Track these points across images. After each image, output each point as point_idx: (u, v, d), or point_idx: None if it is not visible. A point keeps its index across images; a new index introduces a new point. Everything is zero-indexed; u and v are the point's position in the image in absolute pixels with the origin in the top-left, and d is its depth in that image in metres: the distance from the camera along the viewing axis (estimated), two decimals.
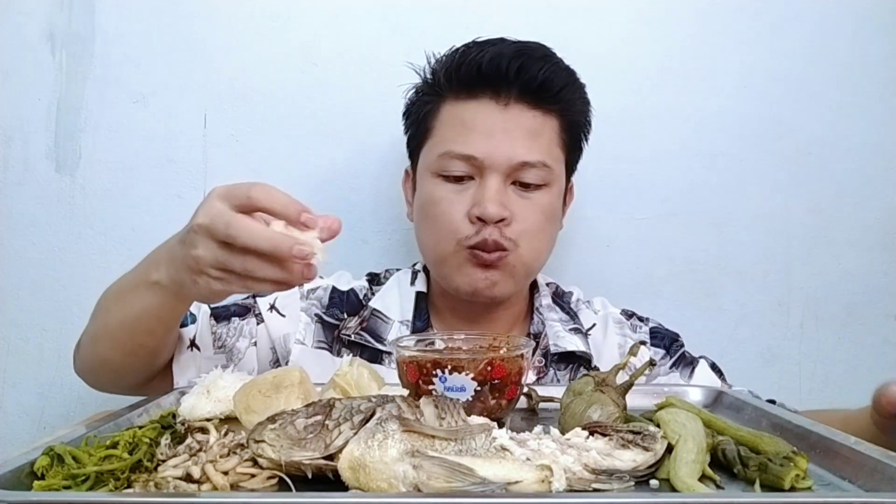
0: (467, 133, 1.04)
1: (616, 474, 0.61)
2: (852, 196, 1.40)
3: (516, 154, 1.03)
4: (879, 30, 1.39)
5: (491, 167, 1.03)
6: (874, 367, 1.40)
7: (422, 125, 1.10)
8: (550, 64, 1.06)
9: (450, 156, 1.04)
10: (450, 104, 1.07)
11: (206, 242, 0.73)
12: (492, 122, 1.04)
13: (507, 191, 1.04)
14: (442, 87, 1.08)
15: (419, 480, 0.56)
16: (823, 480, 0.64)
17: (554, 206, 1.09)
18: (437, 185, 1.06)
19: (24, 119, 1.33)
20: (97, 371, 1.00)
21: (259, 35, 1.35)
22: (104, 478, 0.61)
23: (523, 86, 1.04)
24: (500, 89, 1.04)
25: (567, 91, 1.07)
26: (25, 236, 1.33)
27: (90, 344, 0.97)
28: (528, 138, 1.04)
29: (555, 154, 1.07)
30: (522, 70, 1.03)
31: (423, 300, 1.14)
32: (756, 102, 1.39)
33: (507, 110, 1.04)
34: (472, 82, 1.05)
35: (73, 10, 1.33)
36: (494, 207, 1.01)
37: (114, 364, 0.96)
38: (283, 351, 1.09)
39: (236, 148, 1.35)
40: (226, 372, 0.84)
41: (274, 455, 0.61)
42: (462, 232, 1.04)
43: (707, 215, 1.39)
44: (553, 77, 1.05)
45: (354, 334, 1.09)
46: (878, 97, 1.39)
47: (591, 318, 1.17)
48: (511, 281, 1.07)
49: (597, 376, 0.78)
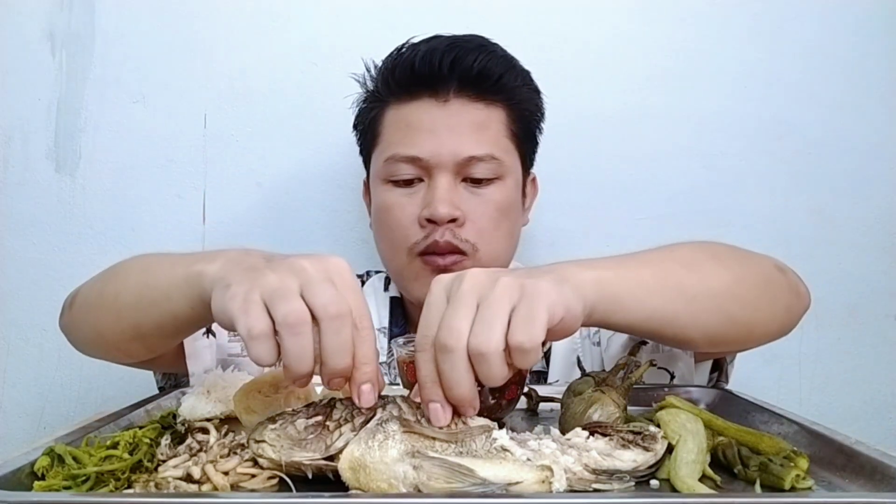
0: (411, 134, 1.02)
1: (616, 474, 0.61)
2: (852, 196, 1.40)
3: (462, 149, 1.00)
4: (879, 30, 1.39)
5: (438, 166, 1.00)
6: (874, 367, 1.40)
7: (369, 133, 1.09)
8: (485, 53, 1.03)
9: (395, 159, 1.02)
10: (393, 108, 1.05)
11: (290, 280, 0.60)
12: (434, 120, 1.01)
13: (457, 189, 1.01)
14: (382, 93, 1.07)
15: (419, 481, 0.56)
16: (823, 480, 0.64)
17: (509, 200, 1.05)
18: (387, 191, 1.04)
19: (24, 119, 1.33)
20: (89, 342, 0.90)
21: (259, 35, 1.35)
22: (104, 478, 0.60)
23: (460, 79, 1.01)
24: (438, 86, 1.02)
25: (508, 79, 1.04)
26: (25, 236, 1.33)
27: (88, 311, 0.86)
28: (473, 132, 1.01)
29: (503, 146, 1.04)
30: (456, 62, 1.01)
31: (399, 305, 1.13)
32: (756, 102, 1.39)
33: (448, 106, 1.02)
34: (409, 83, 1.03)
35: (73, 10, 1.33)
36: (444, 207, 0.98)
37: (109, 340, 0.85)
38: None
39: (236, 148, 1.35)
40: (226, 372, 0.84)
41: (274, 455, 0.61)
42: (412, 238, 1.01)
43: (707, 215, 1.39)
44: (490, 66, 1.02)
45: None
46: (878, 97, 1.39)
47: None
48: None
49: (597, 376, 0.78)
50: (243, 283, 0.61)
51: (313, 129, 1.36)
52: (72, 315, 0.90)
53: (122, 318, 0.80)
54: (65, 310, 0.93)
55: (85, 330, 0.89)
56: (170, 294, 0.73)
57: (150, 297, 0.75)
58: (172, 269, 0.73)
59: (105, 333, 0.85)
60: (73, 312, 0.90)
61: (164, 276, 0.74)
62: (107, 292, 0.83)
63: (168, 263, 0.75)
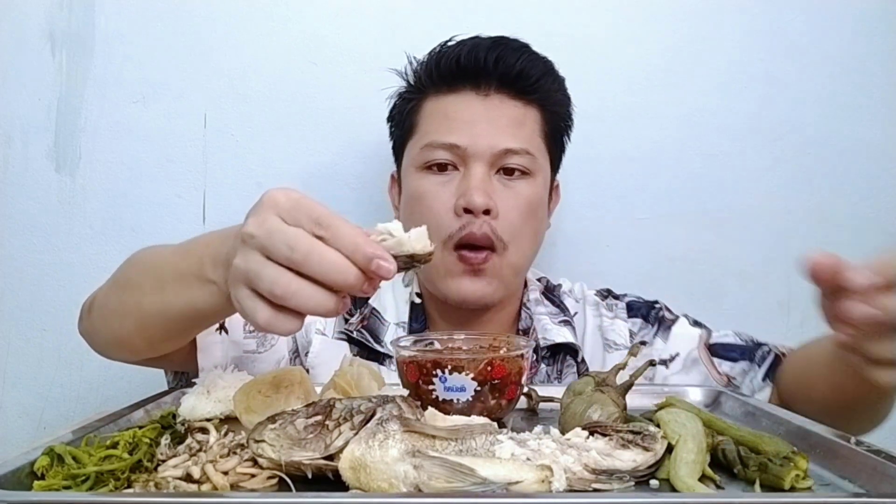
0: (450, 123, 1.05)
1: (616, 474, 0.61)
2: (852, 196, 1.40)
3: (499, 141, 1.03)
4: (879, 30, 1.39)
5: (475, 155, 1.03)
6: None
7: (405, 123, 1.11)
8: (527, 54, 1.07)
9: (433, 146, 1.04)
10: (432, 99, 1.08)
11: (249, 254, 0.61)
12: (474, 112, 1.04)
13: (491, 181, 1.04)
14: (423, 85, 1.09)
15: (420, 480, 0.56)
16: (823, 480, 0.64)
17: (539, 198, 1.08)
18: (421, 178, 1.06)
19: (24, 119, 1.33)
20: (111, 346, 0.91)
21: (259, 35, 1.35)
22: (104, 478, 0.60)
23: (502, 75, 1.05)
24: (480, 80, 1.05)
25: (545, 80, 1.08)
26: (25, 236, 1.33)
27: (108, 318, 0.87)
28: (510, 126, 1.05)
29: (537, 144, 1.07)
30: (500, 60, 1.04)
31: (421, 302, 1.13)
32: (756, 102, 1.39)
33: (488, 100, 1.05)
34: (452, 76, 1.06)
35: (73, 10, 1.33)
36: (480, 196, 1.00)
37: (135, 344, 0.86)
38: (304, 341, 1.08)
39: (236, 148, 1.35)
40: (226, 372, 0.84)
41: (274, 455, 0.61)
42: (447, 228, 1.02)
43: (707, 215, 1.39)
44: (530, 66, 1.06)
45: (356, 331, 1.09)
46: (878, 97, 1.39)
47: (573, 306, 1.17)
48: (501, 286, 1.06)
49: (597, 376, 0.78)
50: (233, 283, 0.63)
51: (313, 128, 1.36)
52: (91, 322, 0.91)
53: (148, 325, 0.81)
54: (83, 316, 0.94)
55: (105, 335, 0.90)
56: (192, 300, 0.74)
57: (174, 303, 0.76)
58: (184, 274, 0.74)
59: (130, 339, 0.85)
60: (93, 319, 0.91)
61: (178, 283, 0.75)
62: (126, 302, 0.83)
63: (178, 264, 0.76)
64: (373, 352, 1.07)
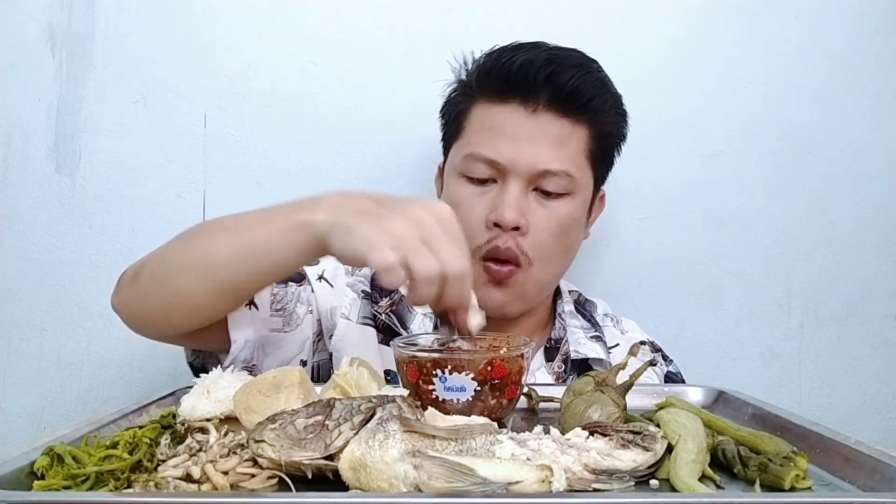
0: (494, 137, 1.04)
1: (616, 474, 0.61)
2: (852, 196, 1.40)
3: (540, 161, 1.03)
4: (879, 30, 1.39)
5: (513, 172, 1.03)
6: (874, 367, 1.40)
7: (454, 123, 1.11)
8: (583, 73, 1.05)
9: (474, 158, 1.05)
10: (480, 106, 1.07)
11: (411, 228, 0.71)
12: (519, 128, 1.03)
13: (527, 198, 1.04)
14: (474, 90, 1.09)
15: (420, 480, 0.56)
16: (823, 480, 0.64)
17: (574, 217, 1.07)
18: (461, 185, 1.07)
19: (24, 119, 1.33)
20: (161, 309, 0.90)
21: (259, 35, 1.35)
22: (104, 478, 0.60)
23: (552, 93, 1.03)
24: (529, 95, 1.03)
25: (598, 101, 1.06)
26: (25, 236, 1.33)
27: (164, 277, 0.88)
28: (553, 146, 1.03)
29: (579, 163, 1.06)
30: (552, 77, 1.03)
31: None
32: (756, 102, 1.39)
33: (535, 117, 1.04)
34: (502, 87, 1.05)
35: (73, 10, 1.33)
36: (511, 213, 1.01)
37: (192, 301, 0.87)
38: (329, 324, 1.08)
39: (236, 148, 1.35)
40: (226, 372, 0.84)
41: (274, 455, 0.61)
42: (477, 240, 1.03)
43: (707, 215, 1.39)
44: (583, 86, 1.04)
45: (385, 314, 1.10)
46: (877, 97, 1.39)
47: (616, 336, 1.17)
48: (521, 301, 1.07)
49: (597, 376, 0.78)
50: (364, 227, 0.72)
51: (313, 128, 1.35)
52: (136, 287, 0.91)
53: (216, 276, 0.84)
54: (123, 285, 0.93)
55: (157, 298, 0.89)
56: (270, 246, 0.80)
57: (248, 252, 0.82)
58: (268, 223, 0.80)
59: (189, 295, 0.86)
60: (140, 284, 0.90)
61: (261, 230, 0.81)
62: (192, 255, 0.86)
63: (256, 219, 0.82)
64: (397, 336, 1.08)
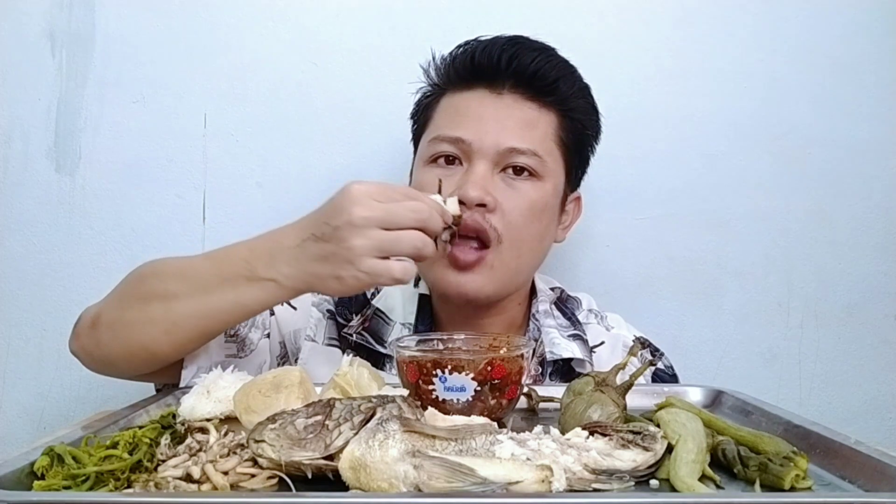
0: (459, 118, 1.05)
1: (616, 474, 0.61)
2: (852, 196, 1.40)
3: (505, 140, 1.02)
4: (878, 29, 1.39)
5: (479, 151, 1.02)
6: (874, 367, 1.40)
7: (422, 118, 1.12)
8: (544, 55, 1.05)
9: (439, 139, 1.05)
10: (448, 96, 1.08)
11: (368, 232, 0.76)
12: (484, 109, 1.04)
13: (493, 179, 1.02)
14: (441, 82, 1.09)
15: (420, 480, 0.56)
16: (823, 480, 0.64)
17: (545, 202, 1.05)
18: (427, 171, 1.06)
19: (24, 119, 1.33)
20: (124, 357, 0.91)
21: (259, 35, 1.35)
22: (104, 478, 0.61)
23: (516, 75, 1.04)
24: (495, 79, 1.04)
25: (563, 84, 1.06)
26: (25, 236, 1.33)
27: (125, 330, 0.89)
28: (520, 127, 1.03)
29: (548, 148, 1.05)
30: (514, 59, 1.03)
31: (428, 303, 1.12)
32: (756, 102, 1.39)
33: (501, 99, 1.04)
34: (467, 73, 1.06)
35: (73, 10, 1.33)
36: (475, 190, 0.98)
37: (157, 349, 0.89)
38: (293, 347, 1.08)
39: (236, 148, 1.35)
40: (226, 372, 0.84)
41: (274, 455, 0.61)
42: None
43: (707, 215, 1.39)
44: (546, 68, 1.04)
45: (356, 334, 1.08)
46: (877, 97, 1.39)
47: (601, 334, 1.14)
48: (495, 281, 1.02)
49: (597, 376, 0.78)
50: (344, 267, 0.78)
51: (313, 128, 1.35)
52: (96, 335, 0.92)
53: (183, 327, 0.87)
54: (80, 332, 0.94)
55: (120, 346, 0.91)
56: (236, 307, 0.85)
57: (212, 311, 0.86)
58: (227, 283, 0.84)
59: (154, 344, 0.89)
60: (99, 333, 0.92)
61: (224, 293, 0.84)
62: (153, 313, 0.88)
63: (212, 277, 0.85)
64: (372, 354, 1.06)
